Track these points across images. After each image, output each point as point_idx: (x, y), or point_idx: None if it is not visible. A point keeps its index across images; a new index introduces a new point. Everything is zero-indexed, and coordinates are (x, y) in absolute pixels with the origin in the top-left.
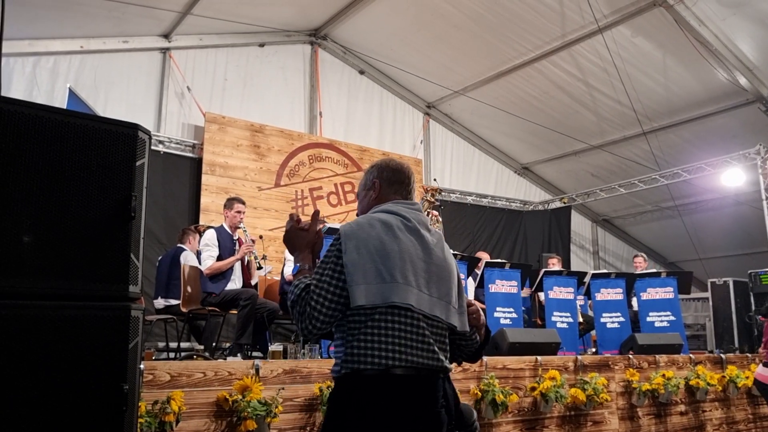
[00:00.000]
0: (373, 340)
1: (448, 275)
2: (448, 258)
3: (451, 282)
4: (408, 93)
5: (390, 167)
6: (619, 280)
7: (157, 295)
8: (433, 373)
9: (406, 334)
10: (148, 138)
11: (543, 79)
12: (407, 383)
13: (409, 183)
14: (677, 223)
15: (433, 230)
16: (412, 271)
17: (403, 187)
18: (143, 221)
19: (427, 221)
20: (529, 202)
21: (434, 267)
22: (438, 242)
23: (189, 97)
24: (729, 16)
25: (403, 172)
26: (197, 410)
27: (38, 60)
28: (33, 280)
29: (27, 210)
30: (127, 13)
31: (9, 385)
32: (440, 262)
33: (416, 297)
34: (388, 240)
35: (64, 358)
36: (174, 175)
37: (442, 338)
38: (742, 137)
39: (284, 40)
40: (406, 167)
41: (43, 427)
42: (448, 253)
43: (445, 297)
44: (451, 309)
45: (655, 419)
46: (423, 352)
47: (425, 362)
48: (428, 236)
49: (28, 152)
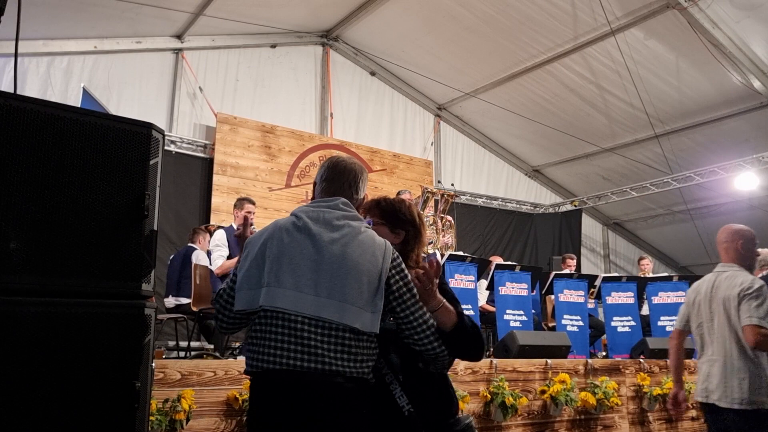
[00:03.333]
0: (254, 343)
1: (345, 273)
2: (349, 255)
3: (347, 280)
4: (419, 95)
5: (325, 166)
6: (630, 283)
7: (168, 293)
8: (322, 376)
9: (282, 337)
10: (162, 137)
11: (554, 81)
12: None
13: (338, 180)
14: (689, 226)
15: (342, 226)
16: (290, 273)
17: (331, 184)
18: (156, 220)
19: (333, 218)
20: (539, 205)
21: (326, 266)
22: (341, 239)
23: (201, 97)
24: (743, 19)
25: (333, 169)
26: (207, 409)
27: (52, 60)
28: (46, 277)
29: (40, 208)
30: (140, 14)
31: (22, 382)
32: (335, 260)
33: (292, 299)
34: (271, 244)
35: (77, 355)
36: (185, 175)
37: (339, 339)
38: (756, 140)
39: (296, 41)
40: (342, 163)
41: (57, 423)
42: (354, 250)
43: (339, 296)
44: (348, 308)
45: (666, 424)
46: (302, 355)
47: (305, 365)
48: (323, 233)
49: (42, 150)
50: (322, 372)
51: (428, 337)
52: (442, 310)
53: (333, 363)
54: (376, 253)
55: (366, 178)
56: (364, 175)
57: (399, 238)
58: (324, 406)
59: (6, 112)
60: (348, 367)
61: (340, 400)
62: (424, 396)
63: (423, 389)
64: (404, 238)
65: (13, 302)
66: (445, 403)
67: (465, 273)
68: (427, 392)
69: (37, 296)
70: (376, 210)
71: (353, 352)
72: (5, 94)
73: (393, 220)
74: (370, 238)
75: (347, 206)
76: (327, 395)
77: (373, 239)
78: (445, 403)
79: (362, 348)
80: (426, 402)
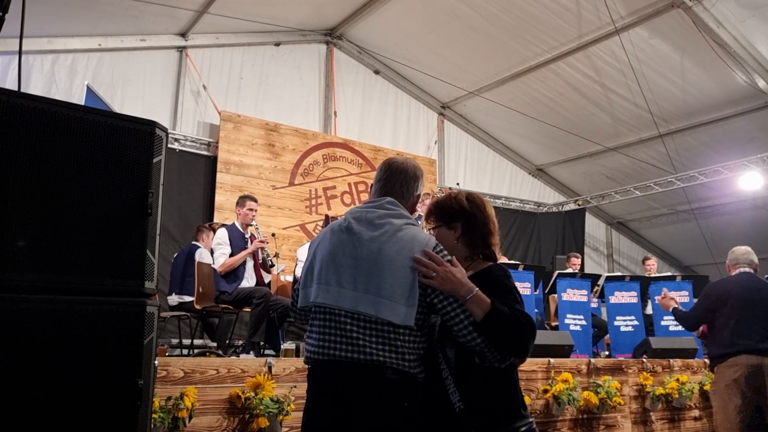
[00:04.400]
0: (310, 336)
1: (380, 269)
2: (386, 252)
3: (383, 275)
4: (423, 93)
5: (380, 167)
6: (634, 283)
7: (171, 291)
8: (364, 366)
9: (328, 330)
10: (165, 135)
11: (558, 80)
12: (329, 374)
13: (390, 180)
14: (693, 226)
15: (383, 224)
16: (334, 270)
17: (383, 185)
18: (159, 218)
19: (375, 217)
20: (543, 204)
21: (364, 262)
22: (380, 236)
23: (205, 95)
24: (748, 18)
25: (386, 170)
26: (210, 407)
27: (57, 57)
28: (49, 274)
29: (44, 205)
30: (144, 11)
31: (26, 379)
32: (372, 256)
33: (334, 295)
34: (321, 245)
35: (80, 353)
36: (189, 173)
37: (378, 332)
38: (760, 140)
39: (300, 40)
40: (394, 165)
41: (59, 421)
42: (392, 246)
43: (375, 291)
44: (383, 302)
45: (669, 424)
46: (346, 346)
47: (348, 356)
48: (363, 232)
49: (46, 148)
50: (364, 362)
51: (466, 328)
52: (473, 299)
53: (374, 354)
54: (414, 248)
55: (418, 176)
56: (417, 173)
57: (457, 232)
58: (363, 395)
59: (10, 110)
60: (389, 359)
61: (379, 390)
62: (479, 394)
63: (479, 386)
64: (462, 230)
65: (17, 299)
66: (502, 403)
67: None
68: (483, 390)
69: (40, 293)
70: (431, 215)
71: (395, 345)
72: (9, 91)
73: (445, 217)
74: (410, 234)
75: (392, 205)
76: (367, 385)
77: (414, 235)
78: (501, 404)
79: (405, 341)
80: (480, 400)
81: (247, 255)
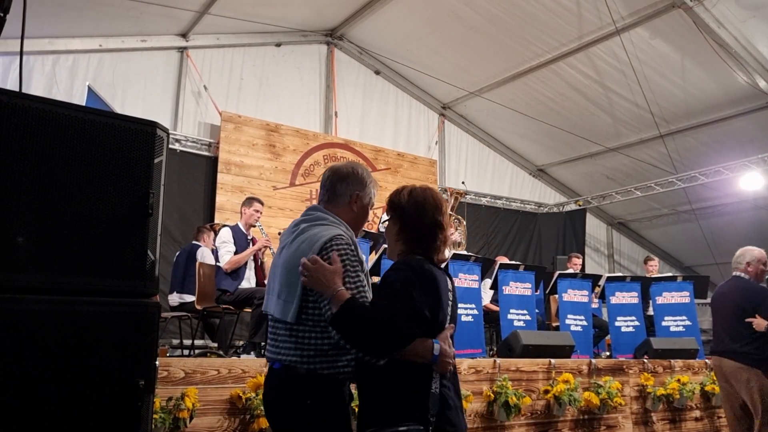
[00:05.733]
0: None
1: (280, 271)
2: (286, 254)
3: (280, 277)
4: (423, 94)
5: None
6: (635, 283)
7: (172, 291)
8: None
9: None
10: (166, 135)
11: (559, 80)
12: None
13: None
14: (694, 227)
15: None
16: (270, 279)
17: (321, 193)
18: (160, 218)
19: (293, 225)
20: (543, 204)
21: (277, 268)
22: (291, 243)
23: (205, 96)
24: (749, 18)
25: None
26: (211, 407)
27: (57, 58)
28: (50, 275)
29: (45, 206)
30: (145, 12)
31: (26, 379)
32: (281, 262)
33: (265, 302)
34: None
35: (81, 353)
36: (190, 174)
37: (282, 331)
38: (761, 140)
39: (300, 40)
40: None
41: (60, 421)
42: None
43: (275, 293)
44: (277, 301)
45: (670, 424)
46: (269, 347)
47: (270, 356)
48: (285, 241)
49: (47, 148)
50: (274, 361)
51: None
52: (334, 297)
53: (280, 353)
54: (303, 247)
55: (346, 175)
56: (345, 172)
57: (397, 226)
58: (274, 394)
59: (11, 111)
60: (290, 357)
61: (284, 389)
62: (369, 393)
63: (370, 386)
64: (400, 226)
65: (18, 300)
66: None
67: (469, 272)
68: (372, 389)
69: (41, 294)
70: (385, 208)
71: (297, 342)
72: (10, 92)
73: (390, 210)
74: (308, 235)
75: (312, 210)
76: (275, 384)
77: (311, 236)
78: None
79: (302, 338)
80: (369, 400)
81: (254, 251)
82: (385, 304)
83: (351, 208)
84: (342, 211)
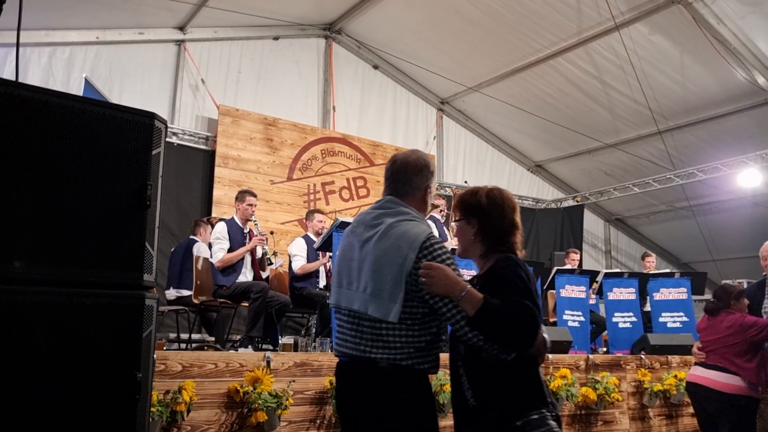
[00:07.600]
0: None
1: (370, 267)
2: (375, 250)
3: (372, 273)
4: (422, 88)
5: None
6: (632, 279)
7: (169, 285)
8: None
9: (340, 329)
10: (164, 127)
11: (558, 76)
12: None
13: (391, 179)
14: (691, 223)
15: (378, 224)
16: (344, 272)
17: (387, 185)
18: (158, 210)
19: (371, 218)
20: (541, 200)
21: (360, 263)
22: (374, 236)
23: (203, 89)
24: (748, 14)
25: (387, 170)
26: (208, 401)
27: (54, 50)
28: (47, 267)
29: (42, 197)
30: (142, 4)
31: (23, 371)
32: (365, 255)
33: (336, 295)
34: (339, 250)
35: (79, 346)
36: (187, 167)
37: (370, 329)
38: (760, 137)
39: (299, 34)
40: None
41: (58, 414)
42: (381, 244)
43: (364, 289)
44: (371, 299)
45: (667, 420)
46: (342, 341)
47: (342, 350)
48: (361, 234)
49: (44, 138)
50: (358, 358)
51: (458, 322)
52: (465, 297)
53: (366, 350)
54: (402, 244)
55: (421, 168)
56: (420, 164)
57: (474, 228)
58: (359, 389)
59: (7, 100)
60: (380, 354)
61: (373, 384)
62: (490, 389)
63: (490, 381)
64: (479, 227)
65: (15, 291)
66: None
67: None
68: (494, 385)
69: (38, 286)
70: (456, 209)
71: (387, 340)
72: (7, 81)
73: (464, 213)
74: (400, 231)
75: (391, 203)
76: (362, 379)
77: (404, 231)
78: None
79: (397, 336)
80: (492, 395)
81: (246, 252)
82: (518, 301)
83: (425, 200)
84: (417, 203)
